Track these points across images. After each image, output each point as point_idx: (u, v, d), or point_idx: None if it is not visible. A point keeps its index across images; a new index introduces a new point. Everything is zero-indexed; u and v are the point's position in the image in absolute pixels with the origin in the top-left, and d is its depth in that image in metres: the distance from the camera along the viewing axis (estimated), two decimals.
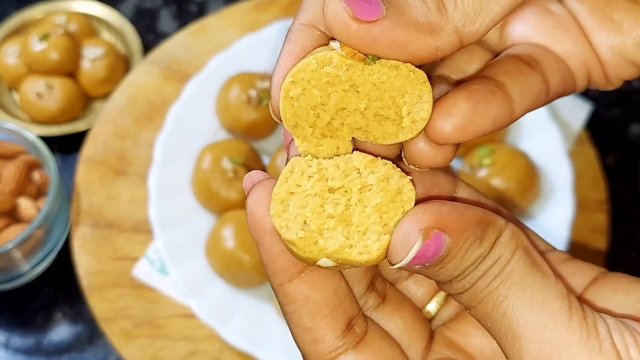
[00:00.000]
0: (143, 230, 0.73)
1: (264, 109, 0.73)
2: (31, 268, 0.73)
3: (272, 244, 0.28)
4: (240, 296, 0.67)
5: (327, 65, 0.27)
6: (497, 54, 0.33)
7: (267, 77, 0.76)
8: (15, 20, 0.90)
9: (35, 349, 0.72)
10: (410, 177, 0.28)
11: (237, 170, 0.70)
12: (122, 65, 0.86)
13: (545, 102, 0.32)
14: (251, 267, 0.65)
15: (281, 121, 0.28)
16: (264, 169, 0.72)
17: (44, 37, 0.82)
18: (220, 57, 0.78)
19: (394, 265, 0.26)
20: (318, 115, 0.28)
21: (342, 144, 0.28)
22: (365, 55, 0.27)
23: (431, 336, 0.32)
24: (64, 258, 0.76)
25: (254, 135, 0.75)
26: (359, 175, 0.27)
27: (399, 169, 0.28)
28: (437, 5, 0.26)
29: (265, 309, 0.67)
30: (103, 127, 0.80)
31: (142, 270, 0.71)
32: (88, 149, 0.78)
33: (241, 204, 0.70)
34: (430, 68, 0.34)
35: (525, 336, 0.26)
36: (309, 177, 0.27)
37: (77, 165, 0.79)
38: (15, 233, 0.69)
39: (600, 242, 0.71)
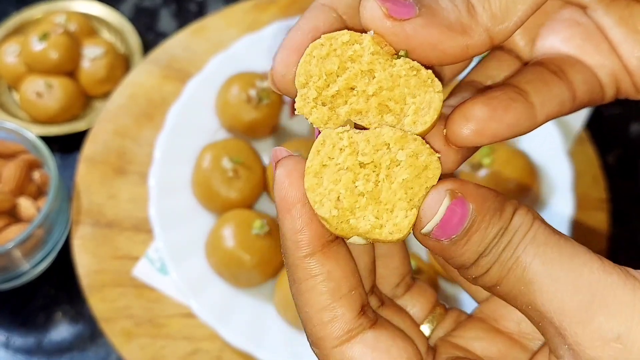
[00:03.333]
0: (143, 229, 0.73)
1: (264, 109, 0.73)
2: (31, 267, 0.73)
3: (302, 214, 0.28)
4: (240, 296, 0.67)
5: (357, 43, 0.28)
6: (526, 64, 0.34)
7: (267, 76, 0.76)
8: (15, 19, 0.90)
9: (36, 348, 0.72)
10: (439, 155, 0.28)
11: (237, 169, 0.70)
12: (122, 64, 0.86)
13: (571, 110, 0.33)
14: (251, 267, 0.65)
15: (277, 89, 0.30)
16: (263, 168, 0.72)
17: (44, 37, 0.82)
18: (220, 56, 0.78)
19: (423, 231, 0.27)
20: (328, 84, 0.29)
21: (333, 118, 0.29)
22: (395, 51, 0.28)
23: (430, 347, 0.32)
24: (65, 257, 0.76)
25: (253, 134, 0.75)
26: (388, 150, 0.28)
27: (428, 145, 0.28)
28: (467, 7, 0.27)
29: (266, 308, 0.67)
30: (103, 127, 0.80)
31: (143, 270, 0.71)
32: (88, 149, 0.78)
33: (241, 204, 0.70)
34: (458, 72, 0.35)
35: (562, 289, 0.26)
36: (341, 150, 0.28)
37: (77, 165, 0.79)
38: (15, 232, 0.69)
39: (600, 241, 0.71)
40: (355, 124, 0.29)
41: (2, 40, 0.88)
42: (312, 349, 0.29)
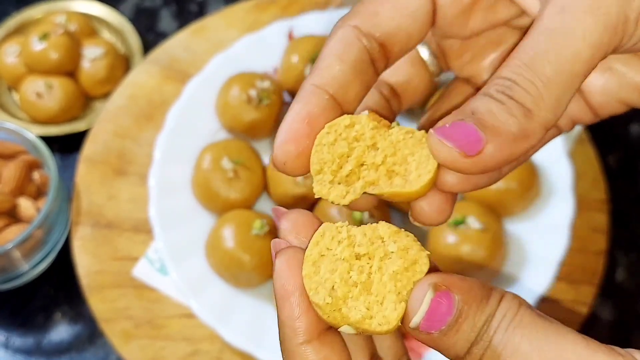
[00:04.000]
0: (143, 230, 0.73)
1: (264, 109, 0.73)
2: (31, 268, 0.73)
3: (300, 302, 0.29)
4: (240, 296, 0.67)
5: (358, 123, 0.32)
6: None
7: (267, 77, 0.76)
8: (15, 19, 0.90)
9: (35, 349, 0.72)
10: (428, 253, 0.30)
11: (237, 170, 0.70)
12: (122, 65, 0.86)
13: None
14: (251, 267, 0.65)
15: (281, 171, 0.32)
16: (264, 169, 0.72)
17: (44, 37, 0.82)
18: (220, 56, 0.78)
19: (410, 324, 0.28)
20: (341, 166, 0.32)
21: (351, 192, 0.32)
22: (389, 122, 0.32)
23: None
24: (64, 258, 0.76)
25: (254, 134, 0.75)
26: (382, 243, 0.30)
27: (419, 243, 0.30)
28: (524, 113, 0.28)
29: (265, 308, 0.67)
30: (103, 127, 0.80)
31: (142, 270, 0.71)
32: (88, 149, 0.78)
33: (241, 204, 0.70)
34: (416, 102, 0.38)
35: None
36: (339, 242, 0.30)
37: (77, 165, 0.79)
38: (15, 233, 0.69)
39: (600, 242, 0.71)
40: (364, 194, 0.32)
41: (2, 40, 0.88)
42: None
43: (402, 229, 0.30)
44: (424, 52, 0.36)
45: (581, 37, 0.28)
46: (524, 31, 0.34)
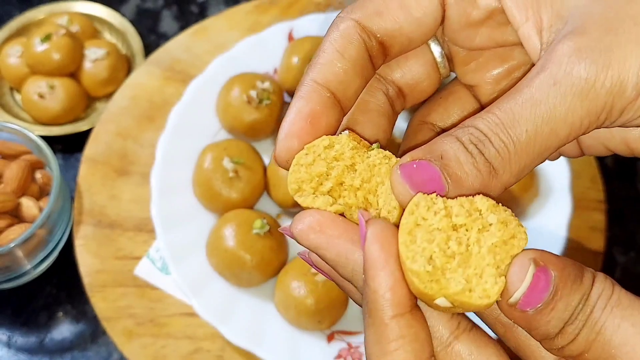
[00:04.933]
0: (145, 229, 0.74)
1: (264, 109, 0.74)
2: (33, 267, 0.73)
3: (394, 271, 0.28)
4: (241, 295, 0.67)
5: (337, 143, 0.32)
6: (483, 107, 0.36)
7: (268, 77, 0.76)
8: (18, 21, 0.90)
9: (38, 347, 0.72)
10: (526, 229, 0.30)
11: (238, 170, 0.70)
12: (123, 66, 0.87)
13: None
14: (252, 266, 0.66)
15: (283, 167, 0.32)
16: (264, 169, 0.73)
17: (46, 38, 0.82)
18: (221, 58, 0.78)
19: (511, 300, 0.28)
20: (320, 183, 0.32)
21: (336, 204, 0.32)
22: (370, 143, 0.33)
23: None
24: (66, 257, 0.76)
25: (254, 135, 0.75)
26: (480, 215, 0.29)
27: (517, 218, 0.30)
28: (489, 172, 0.29)
29: (266, 307, 0.67)
30: (105, 127, 0.80)
31: (144, 270, 0.72)
32: (90, 149, 0.79)
33: (242, 204, 0.70)
34: (415, 110, 0.38)
35: None
36: (435, 212, 0.29)
37: (79, 165, 0.79)
38: (17, 232, 0.70)
39: (598, 241, 0.72)
40: None
41: (4, 41, 0.88)
42: None
43: (500, 204, 0.30)
44: (436, 52, 0.36)
45: (563, 118, 0.29)
46: (527, 69, 0.35)
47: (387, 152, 0.32)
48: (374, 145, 0.32)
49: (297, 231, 0.30)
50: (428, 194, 0.29)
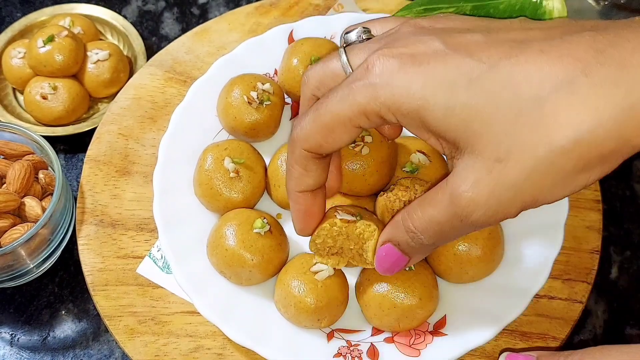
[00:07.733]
0: (147, 229, 0.75)
1: (265, 110, 0.74)
2: (36, 266, 0.74)
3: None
4: (242, 294, 0.68)
5: (335, 226, 0.57)
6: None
7: (268, 79, 0.77)
8: (21, 22, 0.91)
9: (40, 345, 0.73)
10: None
11: (239, 170, 0.70)
12: (125, 67, 0.87)
13: None
14: (252, 265, 0.66)
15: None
16: (265, 168, 0.73)
17: (49, 40, 0.83)
18: (222, 59, 0.79)
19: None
20: (330, 250, 0.59)
21: (341, 262, 0.59)
22: (355, 218, 0.56)
23: None
24: (69, 256, 0.77)
25: (255, 135, 0.75)
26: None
27: (370, 223, 0.57)
28: (423, 250, 0.52)
29: (267, 306, 0.67)
30: (107, 128, 0.81)
31: (146, 268, 0.72)
32: (92, 150, 0.79)
33: (242, 204, 0.71)
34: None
35: None
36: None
37: (81, 165, 0.80)
38: (20, 232, 0.70)
39: (594, 241, 0.72)
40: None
41: (7, 43, 0.89)
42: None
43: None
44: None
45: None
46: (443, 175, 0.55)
47: (367, 222, 0.56)
48: (358, 217, 0.57)
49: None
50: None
